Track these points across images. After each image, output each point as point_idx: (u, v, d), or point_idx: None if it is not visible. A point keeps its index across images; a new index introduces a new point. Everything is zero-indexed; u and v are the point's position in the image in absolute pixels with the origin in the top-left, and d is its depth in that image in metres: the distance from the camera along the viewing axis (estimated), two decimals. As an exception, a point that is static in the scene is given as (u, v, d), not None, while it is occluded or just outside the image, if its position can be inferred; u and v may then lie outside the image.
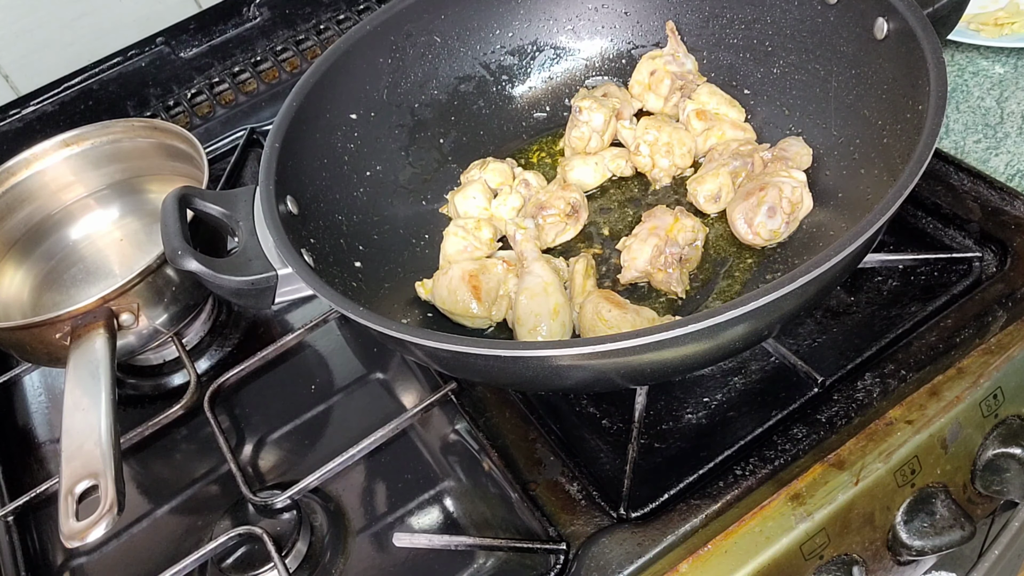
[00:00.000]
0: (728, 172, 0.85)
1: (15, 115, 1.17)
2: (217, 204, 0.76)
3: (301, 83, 0.85)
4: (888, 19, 0.75)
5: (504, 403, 0.80)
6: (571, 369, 0.64)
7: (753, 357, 0.79)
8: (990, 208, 0.82)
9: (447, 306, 0.81)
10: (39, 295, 1.00)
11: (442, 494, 0.78)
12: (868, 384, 0.73)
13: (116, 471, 0.69)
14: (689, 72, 0.94)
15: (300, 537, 0.75)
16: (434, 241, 0.90)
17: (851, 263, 0.66)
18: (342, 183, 0.87)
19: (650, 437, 0.76)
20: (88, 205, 1.06)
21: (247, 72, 1.27)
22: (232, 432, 0.88)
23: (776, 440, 0.71)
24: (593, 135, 0.92)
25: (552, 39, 1.01)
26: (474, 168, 0.94)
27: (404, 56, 0.94)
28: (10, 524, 0.84)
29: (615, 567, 0.66)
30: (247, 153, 1.19)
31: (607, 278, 0.85)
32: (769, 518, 0.67)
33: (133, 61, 1.21)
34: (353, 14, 1.31)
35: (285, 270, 0.71)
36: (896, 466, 0.69)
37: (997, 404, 0.73)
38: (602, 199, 0.93)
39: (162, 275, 0.86)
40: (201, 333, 0.98)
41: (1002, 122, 0.95)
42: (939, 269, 0.82)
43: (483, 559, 0.73)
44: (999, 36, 1.02)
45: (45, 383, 1.00)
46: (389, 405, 0.86)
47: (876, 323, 0.79)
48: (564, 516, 0.71)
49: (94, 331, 0.81)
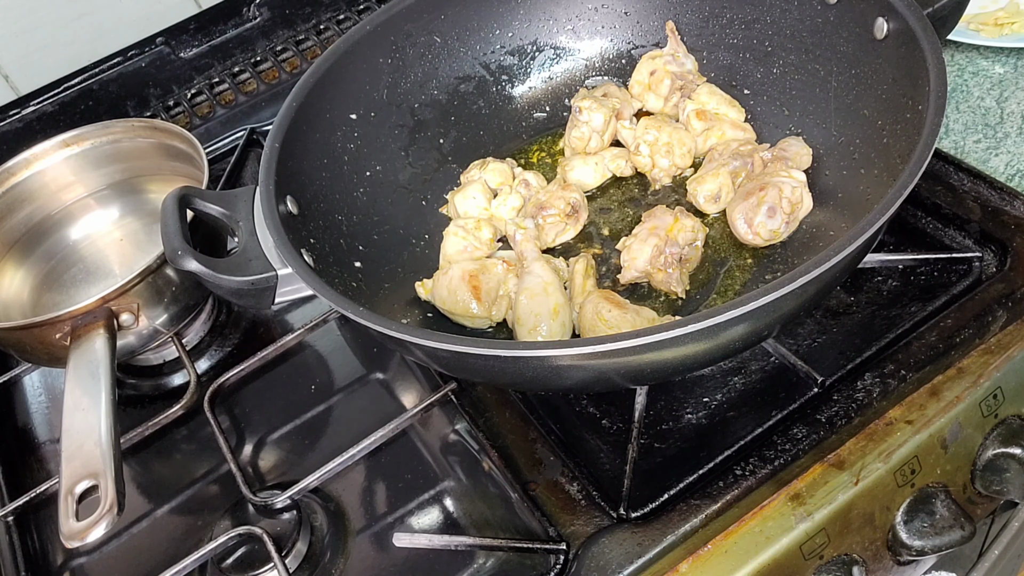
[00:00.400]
0: (728, 172, 0.85)
1: (15, 115, 1.17)
2: (217, 204, 0.76)
3: (301, 83, 0.85)
4: (888, 19, 0.75)
5: (504, 403, 0.80)
6: (571, 369, 0.64)
7: (753, 357, 0.79)
8: (990, 208, 0.82)
9: (447, 306, 0.81)
10: (39, 295, 1.00)
11: (442, 494, 0.78)
12: (868, 384, 0.73)
13: (116, 471, 0.69)
14: (689, 72, 0.94)
15: (300, 537, 0.75)
16: (434, 241, 0.90)
17: (851, 263, 0.66)
18: (342, 183, 0.87)
19: (650, 437, 0.76)
20: (88, 205, 1.06)
21: (247, 72, 1.27)
22: (232, 432, 0.88)
23: (776, 440, 0.71)
24: (593, 135, 0.92)
25: (552, 39, 1.01)
26: (474, 168, 0.94)
27: (404, 56, 0.94)
28: (10, 524, 0.84)
29: (615, 567, 0.66)
30: (247, 153, 1.19)
31: (607, 278, 0.85)
32: (769, 518, 0.67)
33: (133, 61, 1.21)
34: (353, 14, 1.31)
35: (285, 270, 0.71)
36: (896, 466, 0.69)
37: (997, 404, 0.73)
38: (602, 199, 0.93)
39: (162, 275, 0.86)
40: (201, 333, 0.99)
41: (1002, 122, 0.95)
42: (939, 269, 0.82)
43: (483, 559, 0.73)
44: (999, 36, 1.02)
45: (45, 383, 1.00)
46: (389, 405, 0.86)
47: (876, 323, 0.79)
48: (564, 516, 0.71)
49: (94, 331, 0.81)
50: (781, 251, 0.82)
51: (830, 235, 0.79)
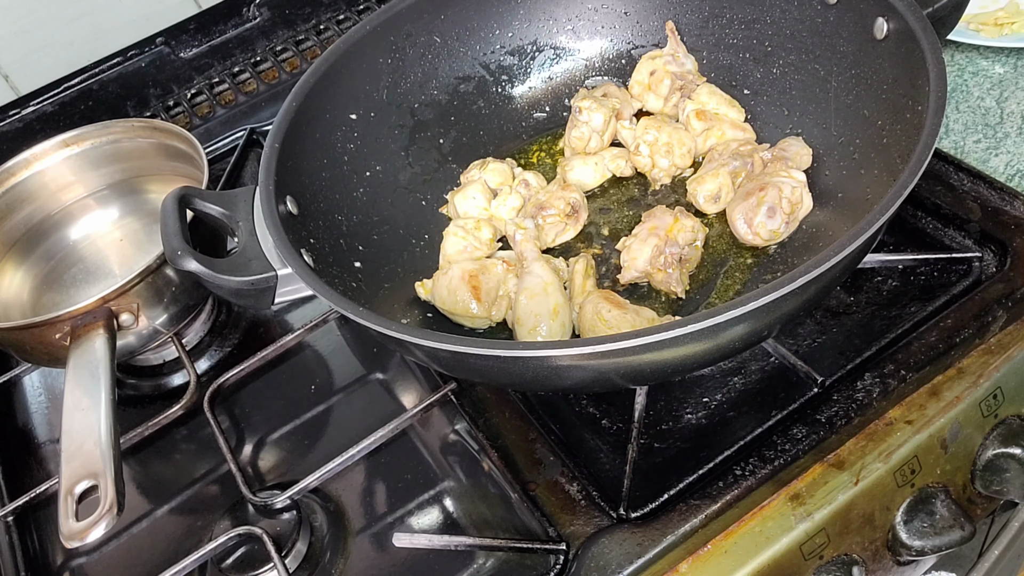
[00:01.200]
0: (728, 172, 0.85)
1: (15, 115, 1.17)
2: (217, 204, 0.76)
3: (301, 83, 0.85)
4: (888, 19, 0.75)
5: (504, 403, 0.80)
6: (571, 369, 0.64)
7: (753, 357, 0.79)
8: (990, 208, 0.82)
9: (447, 306, 0.81)
10: (39, 295, 1.00)
11: (442, 494, 0.78)
12: (868, 384, 0.73)
13: (116, 471, 0.69)
14: (689, 72, 0.94)
15: (300, 537, 0.75)
16: (434, 241, 0.90)
17: (851, 263, 0.66)
18: (342, 183, 0.87)
19: (650, 437, 0.76)
20: (88, 205, 1.06)
21: (247, 72, 1.27)
22: (232, 432, 0.88)
23: (776, 440, 0.71)
24: (593, 135, 0.92)
25: (552, 39, 1.01)
26: (474, 168, 0.94)
27: (404, 56, 0.94)
28: (10, 524, 0.84)
29: (615, 567, 0.66)
30: (247, 153, 1.19)
31: (607, 278, 0.85)
32: (769, 518, 0.67)
33: (133, 61, 1.21)
34: (353, 14, 1.31)
35: (285, 270, 0.71)
36: (896, 466, 0.69)
37: (997, 404, 0.73)
38: (602, 199, 0.93)
39: (162, 275, 0.86)
40: (201, 333, 0.98)
41: (1002, 122, 0.95)
42: (939, 269, 0.82)
43: (483, 559, 0.72)
44: (999, 36, 1.02)
45: (45, 383, 1.00)
46: (389, 405, 0.86)
47: (876, 323, 0.79)
48: (564, 516, 0.71)
49: (94, 331, 0.81)
50: (781, 251, 0.82)
51: (830, 235, 0.79)
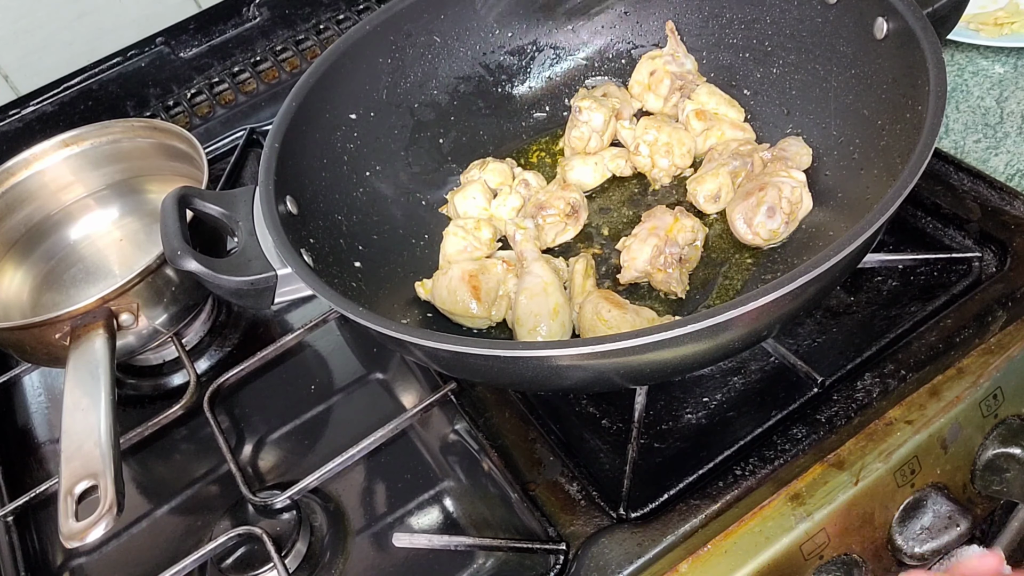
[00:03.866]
0: (728, 172, 0.85)
1: (15, 115, 1.17)
2: (217, 204, 0.76)
3: (301, 83, 0.85)
4: (888, 19, 0.75)
5: (504, 403, 0.80)
6: (571, 369, 0.64)
7: (753, 357, 0.79)
8: (990, 208, 0.82)
9: (447, 306, 0.81)
10: (39, 295, 1.00)
11: (442, 494, 0.78)
12: (868, 384, 0.73)
13: (116, 471, 0.69)
14: (689, 72, 0.94)
15: (300, 537, 0.75)
16: (434, 241, 0.90)
17: (851, 263, 0.66)
18: (342, 183, 0.87)
19: (650, 437, 0.76)
20: (88, 205, 1.06)
21: (247, 72, 1.27)
22: (232, 432, 0.88)
23: (776, 440, 0.71)
24: (593, 135, 0.92)
25: (552, 39, 1.01)
26: (474, 168, 0.94)
27: (404, 56, 0.94)
28: (10, 524, 0.84)
29: (615, 567, 0.66)
30: (247, 153, 1.19)
31: (607, 278, 0.85)
32: (769, 518, 0.67)
33: (133, 61, 1.21)
34: (353, 14, 1.31)
35: (285, 270, 0.70)
36: (896, 466, 0.69)
37: (997, 404, 0.73)
38: (602, 199, 0.93)
39: (162, 275, 0.86)
40: (201, 333, 0.98)
41: (1002, 122, 0.95)
42: (939, 269, 0.82)
43: (483, 559, 0.72)
44: (999, 36, 1.02)
45: (45, 383, 1.00)
46: (389, 405, 0.86)
47: (876, 323, 0.79)
48: (564, 516, 0.71)
49: (94, 331, 0.81)
50: (781, 251, 0.82)
51: (830, 235, 0.79)
